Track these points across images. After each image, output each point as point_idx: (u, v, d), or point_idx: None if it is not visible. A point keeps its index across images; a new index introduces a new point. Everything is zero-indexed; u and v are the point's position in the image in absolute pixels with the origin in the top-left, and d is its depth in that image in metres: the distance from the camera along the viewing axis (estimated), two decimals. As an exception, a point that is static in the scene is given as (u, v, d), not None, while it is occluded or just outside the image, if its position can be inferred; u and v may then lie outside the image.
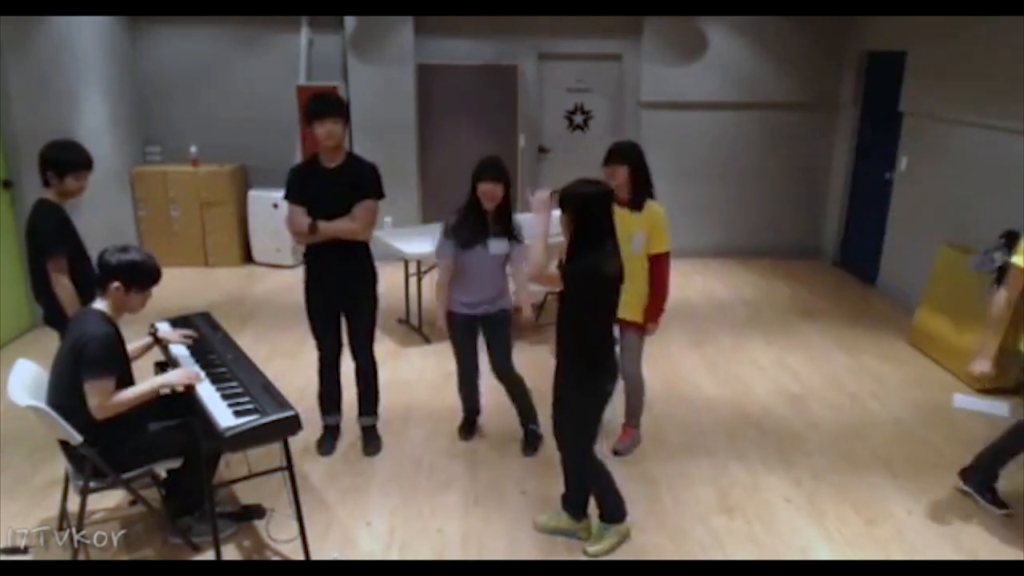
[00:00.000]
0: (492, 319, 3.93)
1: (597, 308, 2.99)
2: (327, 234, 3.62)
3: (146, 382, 2.97)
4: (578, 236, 2.90)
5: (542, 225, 2.97)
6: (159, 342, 3.38)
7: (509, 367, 4.00)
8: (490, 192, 3.71)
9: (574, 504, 3.35)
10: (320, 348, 3.95)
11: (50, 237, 3.42)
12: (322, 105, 3.55)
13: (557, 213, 2.97)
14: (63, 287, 3.39)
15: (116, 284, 2.90)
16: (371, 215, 3.68)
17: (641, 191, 3.64)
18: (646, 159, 3.68)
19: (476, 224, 3.75)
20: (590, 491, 3.32)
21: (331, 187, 3.61)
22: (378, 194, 3.71)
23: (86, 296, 3.20)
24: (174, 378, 3.01)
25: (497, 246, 3.80)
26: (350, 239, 3.67)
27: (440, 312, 3.90)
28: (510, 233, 3.83)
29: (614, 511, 3.27)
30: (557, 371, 3.19)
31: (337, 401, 4.06)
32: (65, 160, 3.48)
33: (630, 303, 3.63)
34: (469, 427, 4.25)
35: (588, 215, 2.90)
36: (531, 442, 4.08)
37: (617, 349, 3.44)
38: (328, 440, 4.04)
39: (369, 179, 3.69)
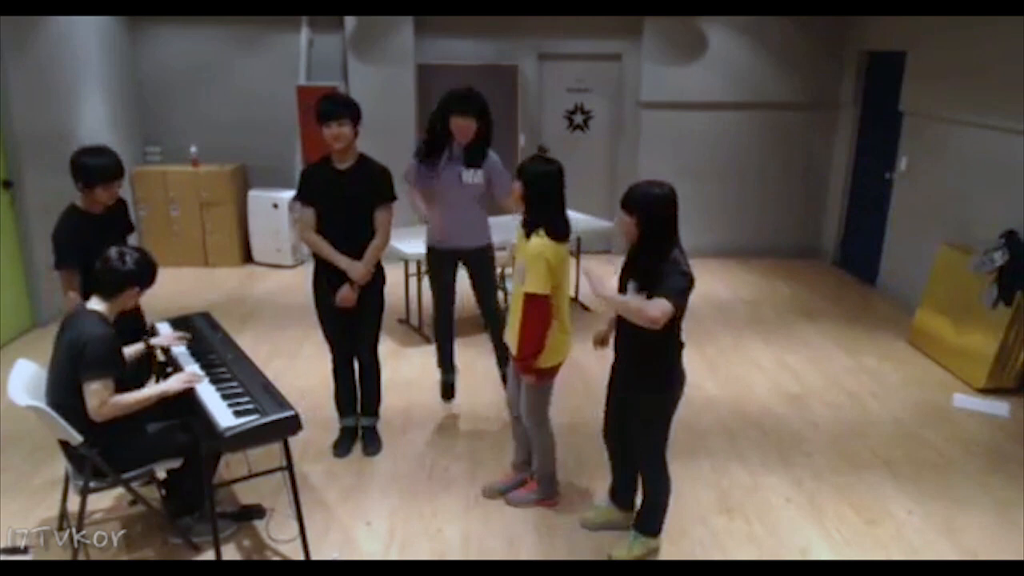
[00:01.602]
0: (473, 256, 3.87)
1: (681, 316, 2.89)
2: (360, 277, 3.63)
3: (147, 388, 2.97)
4: (650, 240, 2.79)
5: (613, 292, 2.83)
6: (151, 349, 3.29)
7: (495, 305, 4.06)
8: (464, 129, 3.55)
9: (623, 494, 3.34)
10: (333, 350, 3.94)
11: (62, 248, 3.34)
12: (329, 105, 3.49)
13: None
14: (68, 301, 3.32)
15: (137, 289, 2.93)
16: (390, 223, 3.71)
17: (535, 218, 3.07)
18: (556, 186, 3.08)
19: (443, 149, 3.65)
20: (637, 486, 3.28)
21: (342, 189, 3.59)
22: (391, 198, 3.70)
23: None
24: (175, 385, 2.99)
25: (469, 176, 3.71)
26: (361, 241, 3.66)
27: (420, 203, 3.88)
28: (484, 164, 3.73)
29: (655, 524, 3.21)
30: (621, 381, 3.15)
31: (353, 403, 4.05)
32: (92, 167, 3.33)
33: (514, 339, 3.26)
34: (448, 388, 4.28)
35: (661, 218, 2.78)
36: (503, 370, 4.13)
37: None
38: (345, 442, 4.02)
39: (381, 183, 3.66)
